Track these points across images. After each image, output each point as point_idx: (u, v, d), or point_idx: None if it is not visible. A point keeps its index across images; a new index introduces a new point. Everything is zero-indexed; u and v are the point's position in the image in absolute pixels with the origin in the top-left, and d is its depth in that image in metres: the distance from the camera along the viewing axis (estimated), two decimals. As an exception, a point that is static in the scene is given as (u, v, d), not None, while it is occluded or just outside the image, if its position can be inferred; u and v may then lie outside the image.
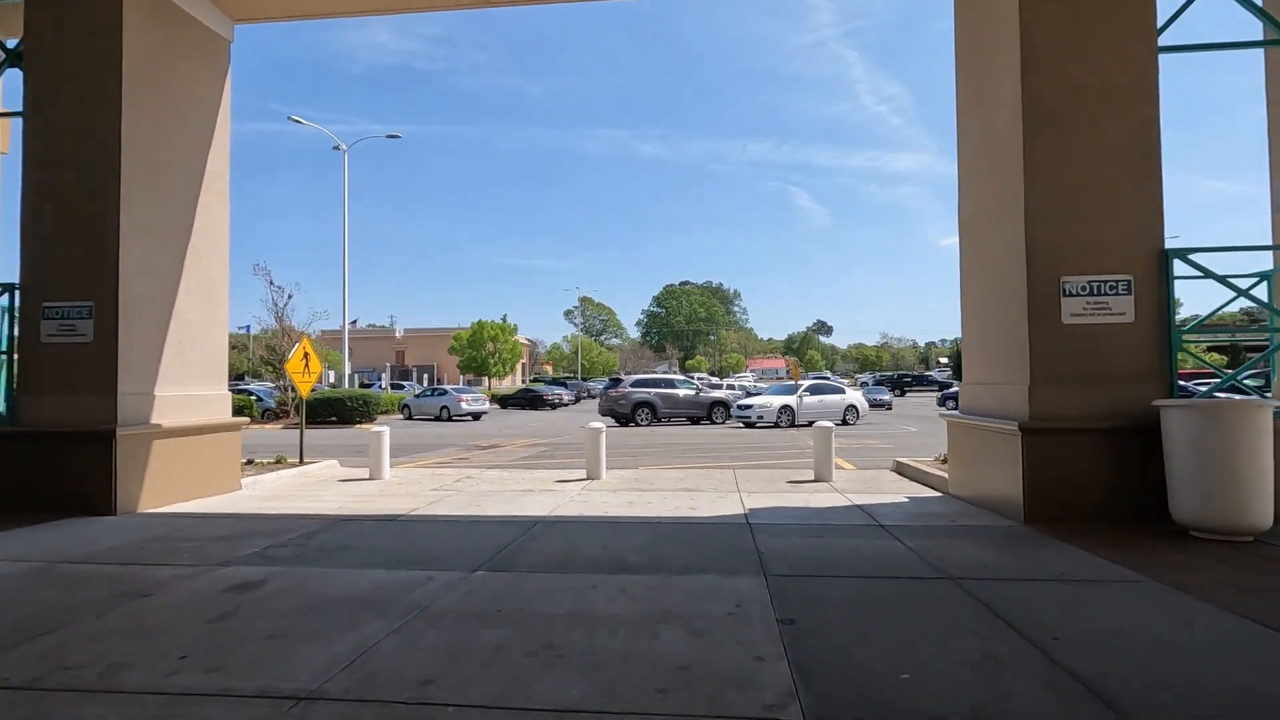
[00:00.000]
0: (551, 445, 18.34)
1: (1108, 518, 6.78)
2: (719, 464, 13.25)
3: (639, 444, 18.11)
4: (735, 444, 18.15)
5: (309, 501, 8.87)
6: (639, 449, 16.74)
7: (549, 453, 16.25)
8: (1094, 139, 7.10)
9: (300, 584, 4.97)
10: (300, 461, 12.28)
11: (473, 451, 16.63)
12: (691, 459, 14.34)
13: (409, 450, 17.19)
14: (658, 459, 14.32)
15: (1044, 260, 7.07)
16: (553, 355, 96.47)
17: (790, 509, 8.03)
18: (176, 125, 9.01)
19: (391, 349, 78.14)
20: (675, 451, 16.09)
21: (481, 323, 58.44)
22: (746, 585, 4.87)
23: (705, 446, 17.46)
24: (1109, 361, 6.98)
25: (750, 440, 19.43)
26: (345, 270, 34.33)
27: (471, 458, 15.09)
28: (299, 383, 12.39)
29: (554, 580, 5.06)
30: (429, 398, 36.00)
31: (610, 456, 13.01)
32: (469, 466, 13.16)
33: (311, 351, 12.57)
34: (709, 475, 11.08)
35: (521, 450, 17.02)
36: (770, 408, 26.06)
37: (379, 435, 11.13)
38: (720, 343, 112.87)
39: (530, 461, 14.16)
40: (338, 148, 36.27)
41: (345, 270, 34.33)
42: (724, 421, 28.82)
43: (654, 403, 28.17)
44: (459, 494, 9.35)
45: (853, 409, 27.84)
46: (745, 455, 15.09)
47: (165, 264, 8.82)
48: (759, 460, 14.02)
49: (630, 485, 10.04)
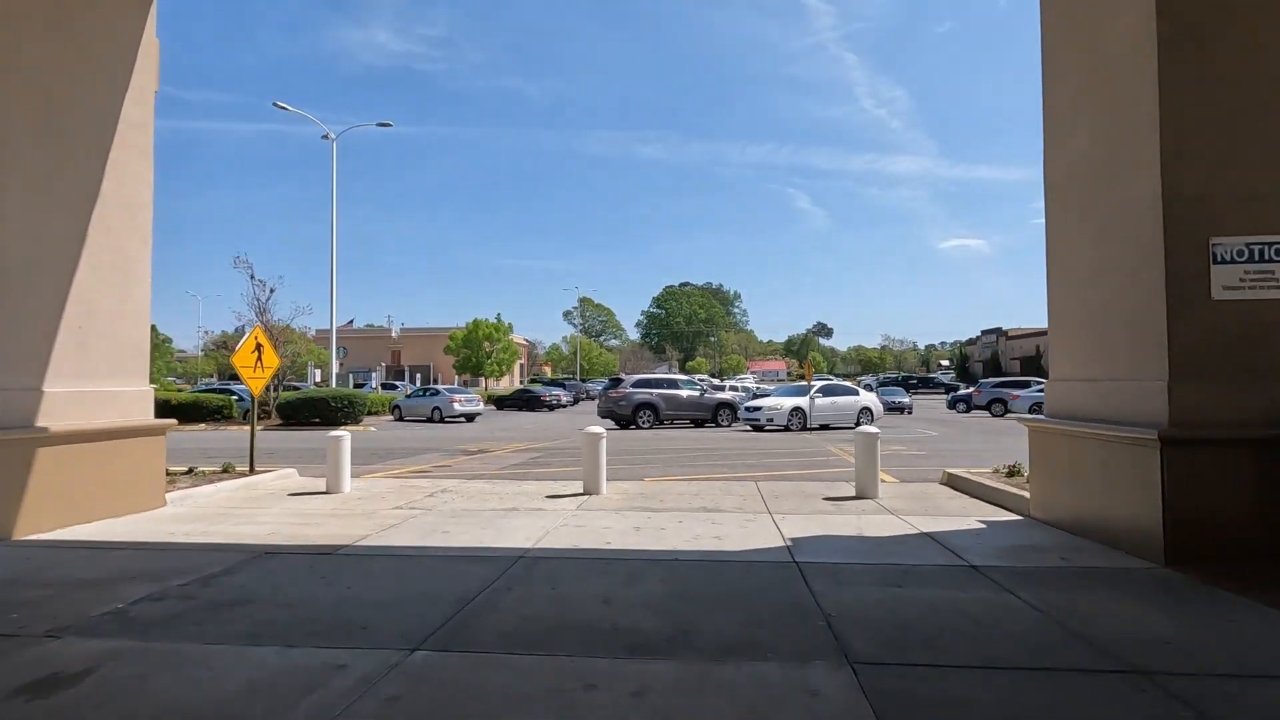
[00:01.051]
0: (546, 450, 16.58)
1: (1270, 556, 5.04)
2: (736, 474, 11.51)
3: (642, 449, 16.38)
4: (748, 450, 16.41)
5: (239, 524, 7.11)
6: (643, 455, 15.00)
7: (542, 459, 14.49)
8: (1252, 57, 5.36)
9: (137, 682, 3.20)
10: (251, 469, 10.52)
11: (458, 457, 14.88)
12: (703, 468, 12.60)
13: (389, 456, 15.43)
14: (664, 467, 12.58)
15: (1186, 218, 5.32)
16: (552, 356, 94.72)
17: (842, 539, 6.28)
18: (78, 58, 7.24)
19: (387, 349, 76.33)
20: (683, 458, 14.34)
21: (477, 322, 56.66)
22: (829, 685, 3.11)
23: (716, 452, 15.71)
24: (1275, 349, 5.25)
25: (763, 445, 17.69)
26: (333, 264, 32.59)
27: (455, 465, 13.33)
28: (249, 379, 10.62)
29: (530, 670, 3.30)
30: (420, 398, 34.22)
31: (611, 465, 11.29)
32: (449, 476, 11.40)
33: (266, 343, 10.81)
34: (728, 489, 9.33)
35: (512, 456, 15.26)
36: (781, 410, 24.30)
37: (338, 441, 9.37)
38: (720, 344, 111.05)
39: (520, 470, 12.41)
40: (326, 137, 34.53)
41: (333, 264, 32.59)
42: (730, 424, 27.04)
43: (656, 404, 26.40)
44: (427, 513, 7.59)
45: (867, 412, 26.04)
46: (763, 463, 13.35)
47: (61, 228, 7.05)
48: (780, 469, 12.28)
49: (636, 503, 8.29)
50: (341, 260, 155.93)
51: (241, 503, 8.50)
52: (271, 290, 28.80)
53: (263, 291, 28.60)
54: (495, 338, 57.27)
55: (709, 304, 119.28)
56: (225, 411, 28.53)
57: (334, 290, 32.42)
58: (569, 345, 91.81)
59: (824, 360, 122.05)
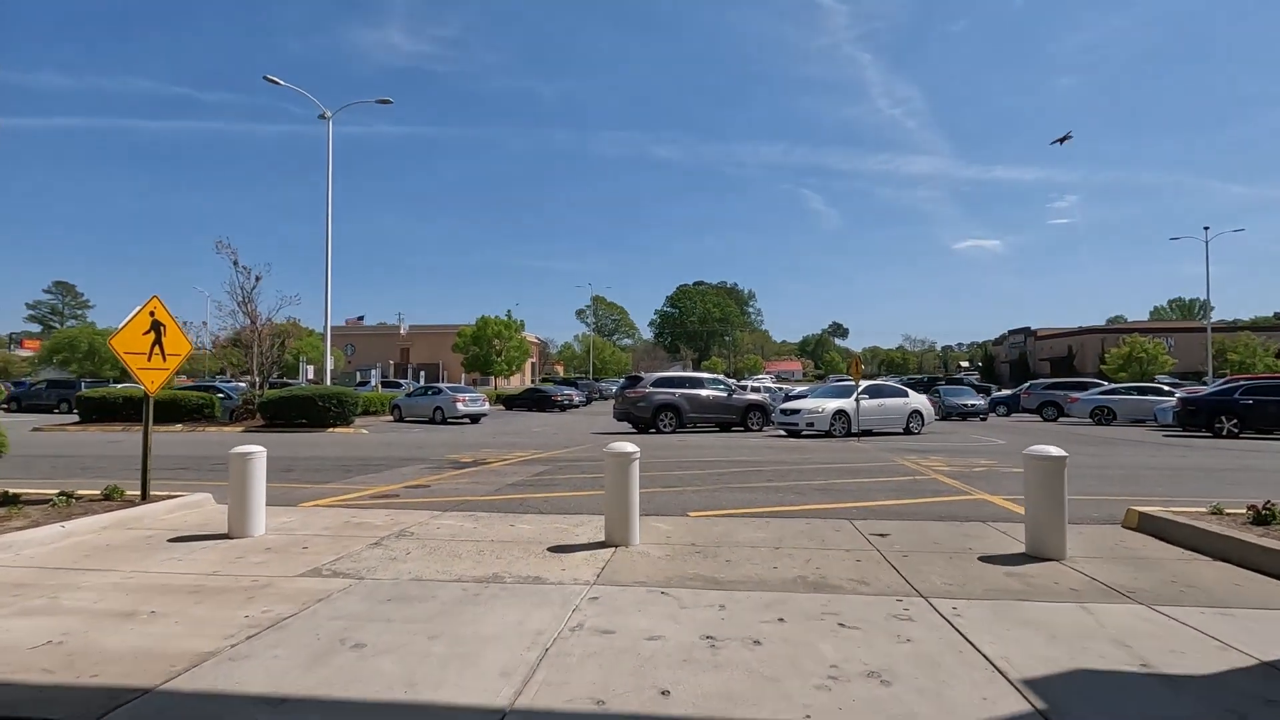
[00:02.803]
0: (554, 462, 13.48)
1: None
2: (811, 502, 8.37)
3: (670, 459, 13.28)
4: (800, 463, 13.26)
5: (9, 615, 4.05)
6: (674, 469, 11.89)
7: (548, 476, 11.40)
8: None
9: None
10: (143, 495, 7.47)
11: (445, 473, 11.81)
12: (759, 490, 9.48)
13: (361, 468, 12.38)
14: (708, 489, 9.47)
15: None
16: (564, 355, 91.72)
17: (1120, 681, 3.12)
18: None
19: (396, 346, 73.66)
20: (726, 474, 11.22)
21: (485, 319, 53.72)
22: None
23: (762, 466, 12.57)
24: None
25: (815, 456, 14.52)
26: (328, 252, 29.65)
27: (436, 485, 10.25)
28: (140, 371, 7.55)
29: None
30: (421, 398, 31.25)
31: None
32: (421, 504, 8.33)
33: (170, 322, 7.75)
34: (820, 536, 6.20)
35: (512, 470, 12.19)
36: (822, 413, 21.07)
37: (244, 462, 6.29)
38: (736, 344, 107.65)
39: (518, 494, 9.32)
40: (323, 116, 31.64)
41: (328, 252, 29.65)
42: (761, 429, 23.87)
43: (679, 406, 23.25)
44: (349, 592, 4.50)
45: (917, 415, 22.79)
46: (833, 484, 10.22)
47: None
48: (865, 495, 9.13)
49: (689, 565, 5.17)
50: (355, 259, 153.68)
51: (80, 557, 5.44)
52: (258, 278, 25.94)
53: (248, 279, 25.76)
54: (505, 335, 54.31)
55: (724, 303, 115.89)
56: (207, 411, 25.66)
57: (329, 280, 29.49)
58: (581, 344, 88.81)
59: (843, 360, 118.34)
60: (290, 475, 11.16)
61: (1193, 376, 47.85)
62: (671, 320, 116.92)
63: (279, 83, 29.92)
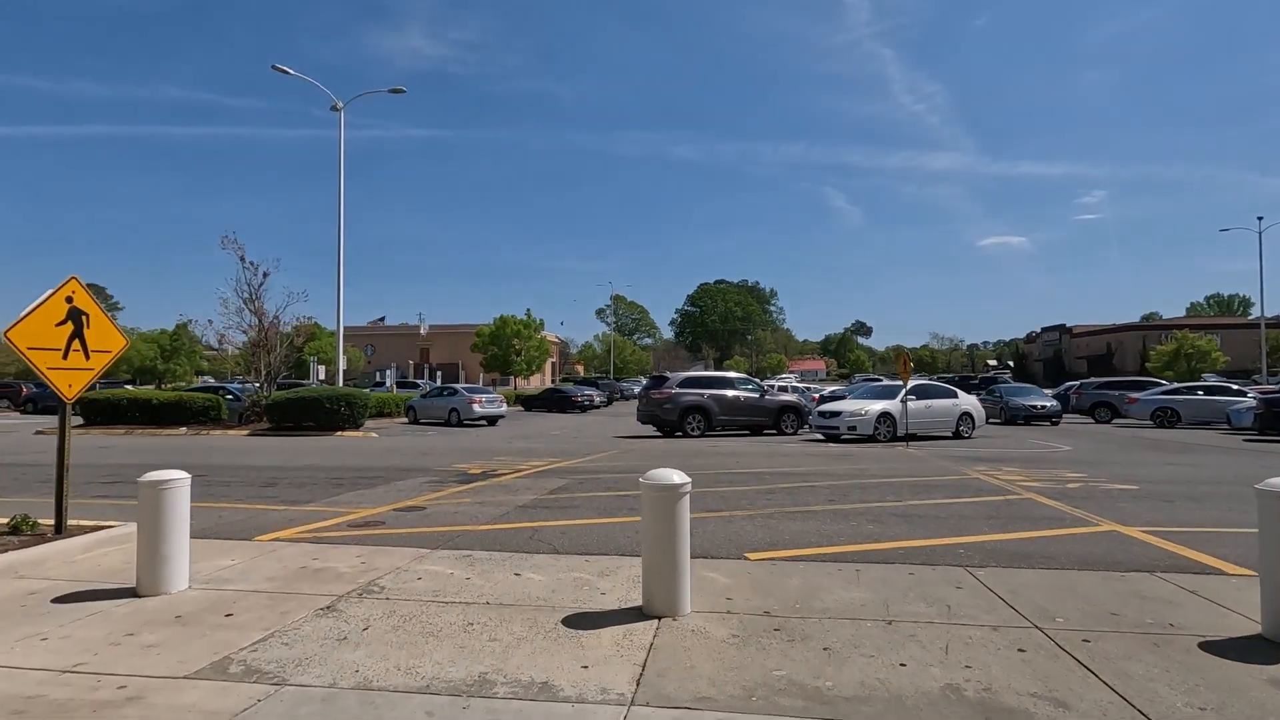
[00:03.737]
0: (573, 474, 11.80)
1: None
2: (894, 535, 6.60)
3: (705, 470, 11.54)
4: (856, 475, 11.45)
5: None
6: (713, 484, 10.16)
7: (567, 493, 9.71)
8: None
9: None
10: (56, 527, 5.88)
11: (447, 488, 10.17)
12: (826, 517, 7.72)
13: (353, 482, 10.80)
14: (761, 515, 7.73)
15: None
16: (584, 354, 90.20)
17: None
18: None
19: (416, 347, 72.63)
20: (777, 493, 9.46)
21: (504, 318, 52.25)
22: None
23: (813, 479, 10.78)
24: None
25: (870, 467, 12.69)
26: (340, 246, 28.32)
27: (432, 507, 8.60)
28: (49, 373, 5.96)
29: None
30: (436, 398, 29.79)
31: None
32: (406, 537, 6.68)
33: (94, 310, 6.16)
34: (939, 596, 4.43)
35: (525, 483, 10.53)
36: (866, 416, 19.16)
37: (158, 492, 4.64)
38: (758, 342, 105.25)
39: (529, 521, 7.62)
40: (335, 108, 30.32)
41: (340, 246, 28.32)
42: (795, 431, 22.01)
43: (708, 407, 21.46)
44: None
45: (967, 418, 20.78)
46: (909, 506, 8.43)
47: None
48: (952, 521, 7.33)
49: (774, 667, 3.39)
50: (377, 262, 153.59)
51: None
52: (265, 274, 24.55)
53: (255, 276, 24.41)
54: (524, 335, 52.82)
55: (745, 302, 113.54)
56: (213, 413, 24.37)
57: (340, 275, 28.16)
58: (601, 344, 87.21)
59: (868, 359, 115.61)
60: (269, 492, 9.58)
61: (1241, 375, 44.96)
62: (692, 319, 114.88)
63: (288, 72, 28.66)
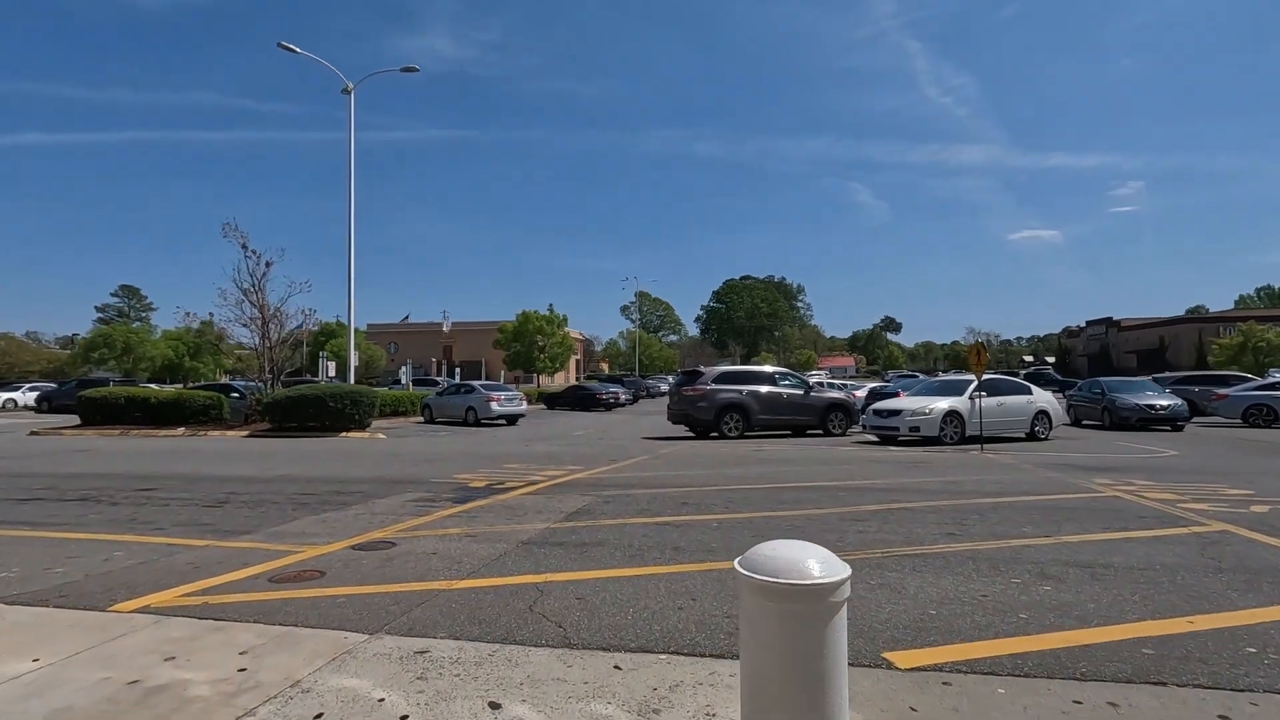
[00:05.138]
0: (597, 489, 9.50)
1: None
2: (1100, 614, 4.22)
3: (759, 483, 9.19)
4: (951, 490, 9.02)
5: None
6: (773, 503, 7.81)
7: (588, 522, 7.42)
8: None
9: None
10: None
11: (438, 510, 7.94)
12: (957, 560, 5.37)
13: (329, 500, 8.63)
14: (862, 557, 5.38)
15: None
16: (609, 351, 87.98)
17: None
18: None
19: (439, 344, 71.04)
20: (864, 517, 7.07)
21: (526, 313, 50.19)
22: None
23: (906, 500, 8.35)
24: None
25: (959, 478, 10.21)
26: (351, 236, 26.33)
27: (408, 542, 6.34)
28: None
29: None
30: (453, 396, 27.75)
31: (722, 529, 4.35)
32: (342, 606, 4.42)
33: None
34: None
35: (536, 503, 8.27)
36: (930, 415, 16.59)
37: None
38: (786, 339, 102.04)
39: (531, 574, 5.33)
40: (345, 90, 28.37)
41: (351, 236, 26.33)
42: (844, 432, 19.50)
43: (747, 405, 19.03)
44: None
45: (1043, 417, 18.09)
46: (1056, 539, 6.02)
47: None
48: (1166, 577, 4.90)
49: None
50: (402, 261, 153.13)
51: None
52: (268, 264, 22.64)
53: (258, 266, 22.50)
54: (547, 331, 50.73)
55: (772, 298, 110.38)
56: (213, 412, 22.55)
57: (351, 265, 26.18)
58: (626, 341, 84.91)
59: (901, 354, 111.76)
60: (208, 516, 7.42)
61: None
62: (718, 316, 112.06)
63: (296, 50, 26.74)
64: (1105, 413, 20.80)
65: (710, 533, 6.34)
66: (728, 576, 4.78)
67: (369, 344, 62.44)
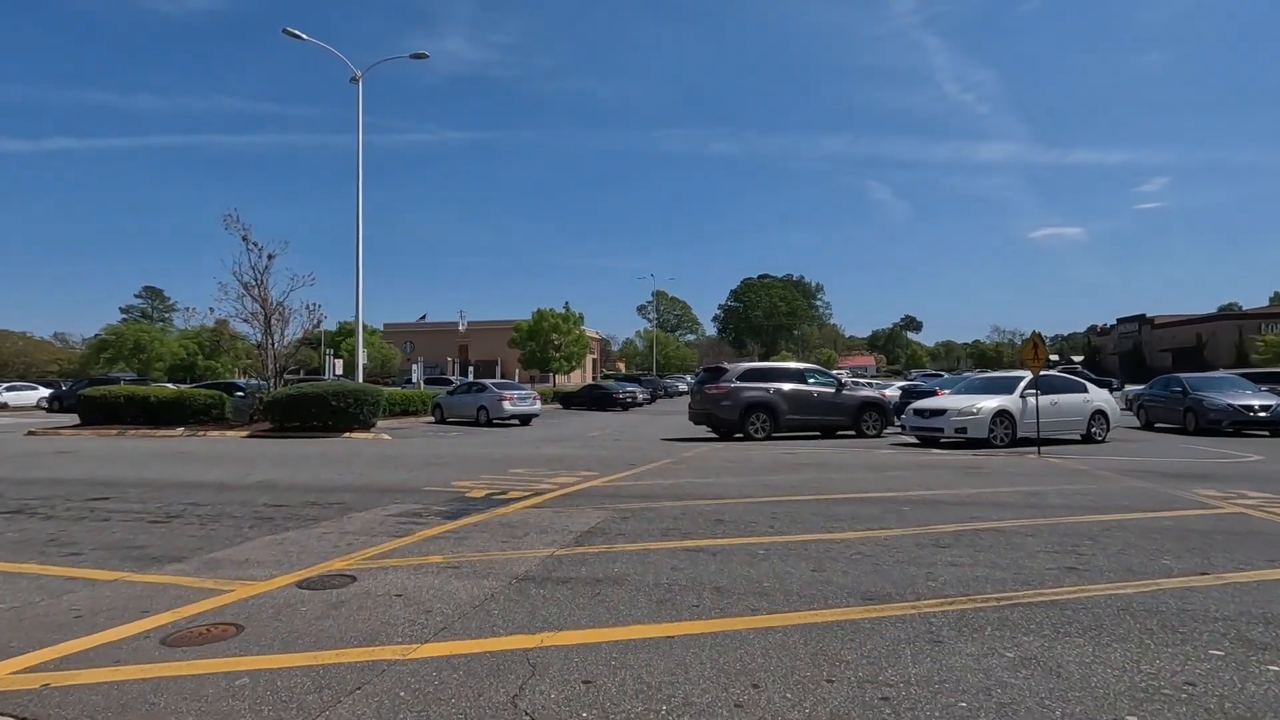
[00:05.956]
0: (614, 501, 8.14)
1: None
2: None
3: (800, 493, 7.78)
4: (1025, 501, 7.56)
5: None
6: (823, 523, 6.42)
7: (602, 542, 6.04)
8: None
9: None
10: None
11: (421, 527, 6.62)
12: (1076, 598, 3.98)
13: (301, 513, 7.36)
14: (967, 606, 4.00)
15: None
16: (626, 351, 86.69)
17: None
18: None
19: (455, 343, 70.11)
20: (945, 543, 5.65)
21: (541, 311, 49.01)
22: None
23: (980, 513, 6.91)
24: None
25: (1034, 488, 8.71)
26: (359, 229, 25.21)
27: (367, 578, 4.99)
28: None
29: None
30: (465, 395, 26.55)
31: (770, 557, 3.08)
32: (238, 697, 3.05)
33: None
34: None
35: (541, 519, 6.93)
36: (979, 415, 15.02)
37: None
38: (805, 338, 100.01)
39: (525, 621, 3.96)
40: (354, 79, 27.30)
41: (359, 229, 25.21)
42: (878, 433, 17.97)
43: (775, 405, 17.56)
44: None
45: (1100, 417, 16.44)
46: (1219, 578, 4.60)
47: None
48: None
49: None
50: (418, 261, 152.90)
51: None
52: (271, 256, 21.53)
53: (260, 258, 21.40)
54: (563, 329, 49.51)
55: (790, 296, 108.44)
56: (214, 412, 21.50)
57: (359, 257, 25.07)
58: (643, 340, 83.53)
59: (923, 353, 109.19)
60: (146, 535, 6.13)
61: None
62: (736, 314, 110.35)
63: (302, 37, 25.69)
64: (1189, 414, 17.90)
65: (757, 564, 4.92)
66: (796, 642, 3.37)
67: (385, 343, 61.63)
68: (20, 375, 48.83)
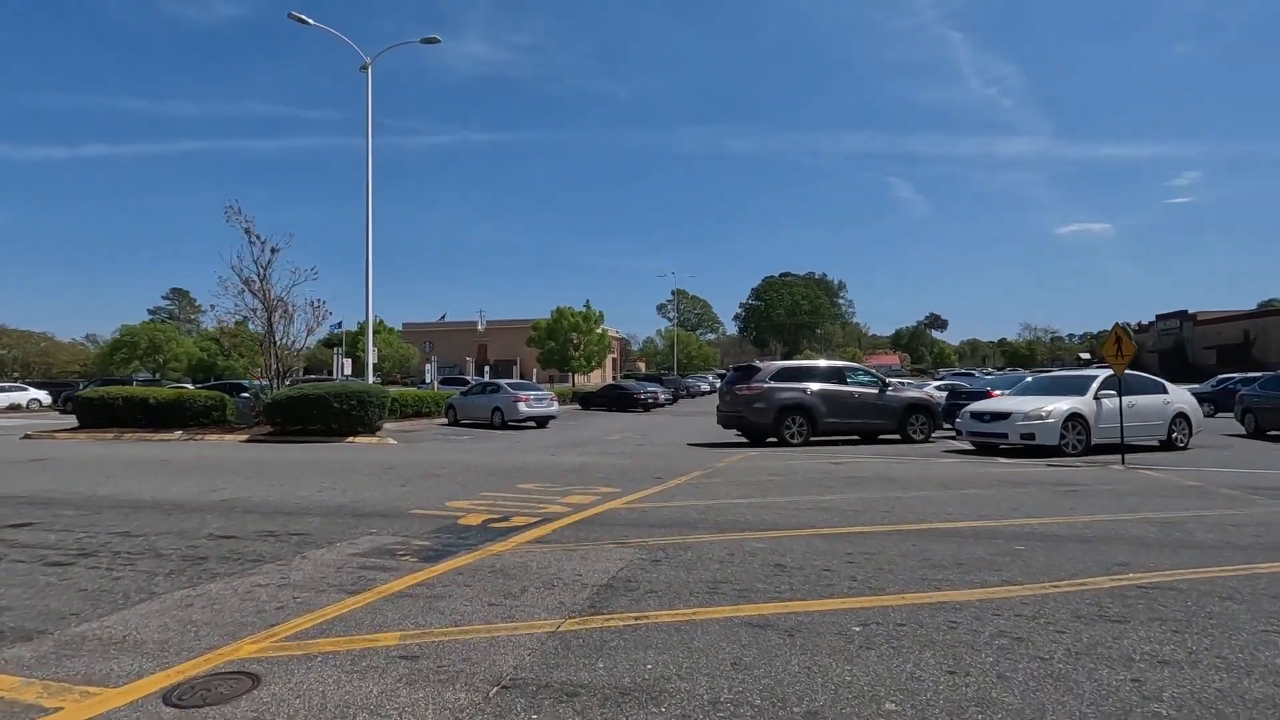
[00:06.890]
0: (641, 531, 6.56)
1: None
2: None
3: (870, 519, 6.16)
4: (1164, 536, 5.85)
5: None
6: (919, 575, 4.81)
7: (630, 608, 4.48)
8: None
9: None
10: None
11: (398, 573, 5.12)
12: None
13: (256, 545, 5.90)
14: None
15: None
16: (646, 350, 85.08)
17: None
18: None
19: (474, 343, 69.05)
20: (1104, 603, 4.08)
21: (561, 310, 47.55)
22: None
23: (1124, 555, 5.27)
24: None
25: (1152, 510, 7.00)
26: (368, 222, 23.88)
27: (279, 684, 3.49)
28: None
29: None
30: (479, 396, 25.15)
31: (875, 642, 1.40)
32: None
33: None
34: None
35: (548, 564, 5.40)
36: (1049, 419, 13.18)
37: None
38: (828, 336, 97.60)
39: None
40: (364, 68, 26.00)
41: (368, 222, 23.88)
42: (926, 438, 16.17)
43: (813, 407, 15.83)
44: None
45: (1182, 421, 14.57)
46: None
47: None
48: None
49: None
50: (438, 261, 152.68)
51: None
52: (274, 250, 20.20)
53: (262, 252, 20.10)
54: (583, 328, 48.03)
55: (813, 295, 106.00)
56: (215, 414, 20.26)
57: (369, 252, 23.74)
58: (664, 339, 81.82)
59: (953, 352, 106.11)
60: (14, 592, 4.63)
61: None
62: (757, 313, 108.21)
63: (308, 21, 24.41)
64: None
65: (857, 656, 3.28)
66: None
67: (403, 343, 60.69)
68: (44, 375, 48.56)
